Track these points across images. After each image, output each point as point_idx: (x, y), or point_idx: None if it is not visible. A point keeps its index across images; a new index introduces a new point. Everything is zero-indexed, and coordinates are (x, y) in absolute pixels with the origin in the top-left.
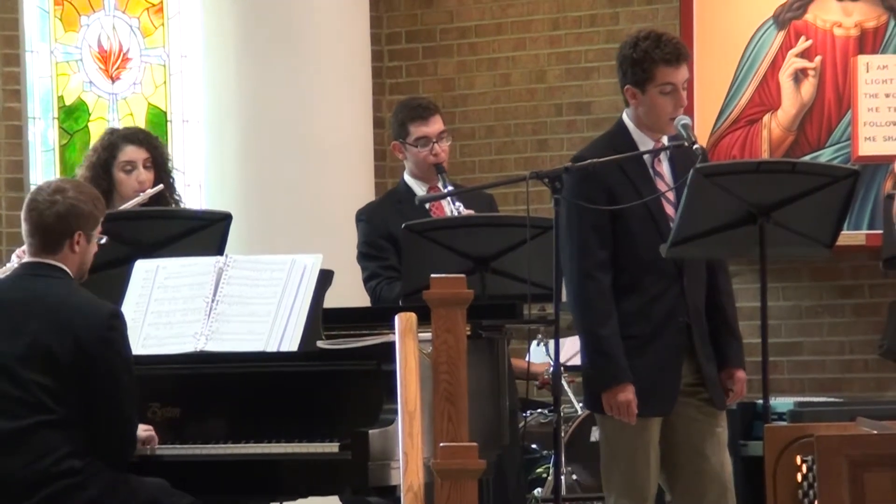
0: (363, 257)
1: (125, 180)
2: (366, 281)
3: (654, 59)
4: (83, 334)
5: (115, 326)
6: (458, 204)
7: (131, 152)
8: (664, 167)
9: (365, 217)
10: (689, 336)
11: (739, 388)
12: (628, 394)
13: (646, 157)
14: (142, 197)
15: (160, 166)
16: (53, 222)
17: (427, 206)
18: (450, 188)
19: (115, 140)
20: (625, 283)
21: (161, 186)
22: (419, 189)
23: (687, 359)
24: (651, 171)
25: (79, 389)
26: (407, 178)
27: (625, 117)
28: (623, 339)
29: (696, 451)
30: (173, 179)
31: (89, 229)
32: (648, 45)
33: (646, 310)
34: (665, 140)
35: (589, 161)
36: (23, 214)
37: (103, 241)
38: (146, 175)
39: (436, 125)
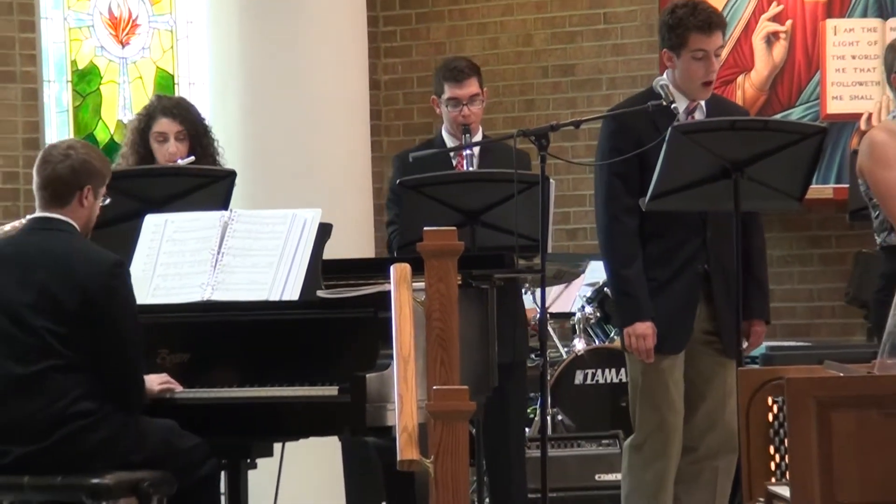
0: (389, 201)
1: (158, 150)
2: (387, 225)
3: (688, 25)
4: (88, 283)
5: (119, 275)
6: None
7: (164, 124)
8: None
9: (398, 162)
10: (707, 283)
11: (755, 338)
12: (646, 329)
13: (681, 111)
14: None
15: (195, 138)
16: (66, 174)
17: (454, 161)
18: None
19: (153, 110)
20: (650, 229)
21: (192, 158)
22: (451, 143)
23: (705, 304)
24: None
25: (85, 335)
26: (443, 131)
27: (665, 77)
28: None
29: (703, 397)
30: (215, 151)
31: (98, 185)
32: (684, 12)
33: (667, 255)
34: (701, 103)
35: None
36: (35, 168)
37: (107, 201)
38: (177, 147)
39: (469, 88)
